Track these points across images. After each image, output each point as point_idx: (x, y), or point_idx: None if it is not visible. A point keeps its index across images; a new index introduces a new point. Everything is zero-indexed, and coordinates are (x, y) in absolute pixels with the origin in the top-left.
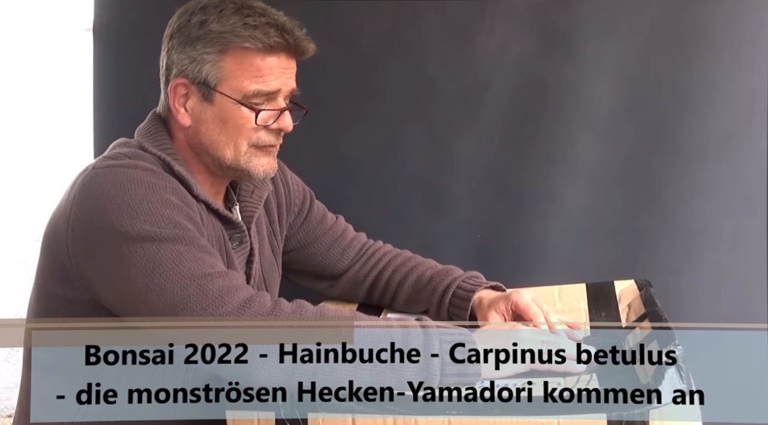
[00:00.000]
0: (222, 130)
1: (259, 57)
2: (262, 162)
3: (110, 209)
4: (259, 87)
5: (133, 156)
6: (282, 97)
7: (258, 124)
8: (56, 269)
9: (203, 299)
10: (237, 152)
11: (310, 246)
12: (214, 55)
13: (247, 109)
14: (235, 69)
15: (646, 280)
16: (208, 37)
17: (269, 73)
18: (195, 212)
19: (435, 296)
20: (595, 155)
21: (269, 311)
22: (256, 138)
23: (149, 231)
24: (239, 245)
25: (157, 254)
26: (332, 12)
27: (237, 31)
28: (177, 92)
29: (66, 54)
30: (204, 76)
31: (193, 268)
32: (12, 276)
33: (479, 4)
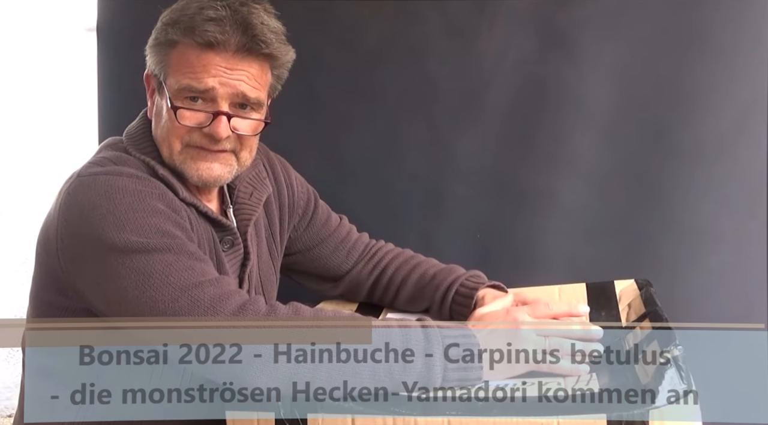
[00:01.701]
0: (158, 125)
1: (195, 53)
2: (197, 166)
3: (96, 219)
4: (190, 82)
5: (117, 161)
6: (223, 100)
7: (180, 123)
8: (49, 277)
9: (196, 309)
10: (171, 151)
11: (315, 248)
12: (164, 48)
13: (170, 105)
14: (176, 63)
15: (647, 280)
16: (162, 29)
17: (203, 70)
18: (183, 217)
19: (438, 293)
20: (595, 155)
21: (264, 315)
22: (189, 138)
23: (137, 242)
24: (230, 248)
25: (146, 265)
26: (332, 12)
27: (183, 23)
28: (149, 84)
29: (66, 54)
30: (154, 69)
31: (184, 278)
32: (12, 276)
33: (479, 5)
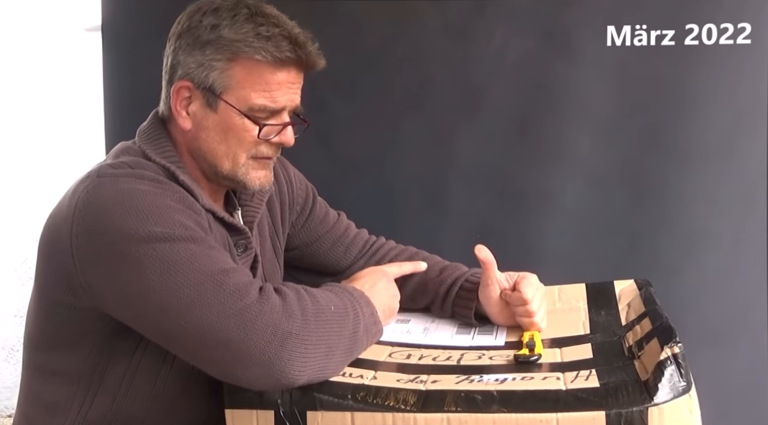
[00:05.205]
0: (222, 139)
1: (269, 70)
2: (259, 175)
3: (118, 214)
4: (266, 103)
5: (136, 166)
6: (286, 112)
7: (260, 137)
8: (58, 275)
9: (221, 293)
10: (235, 164)
11: (313, 244)
12: (222, 63)
13: (250, 121)
14: (243, 79)
15: (646, 280)
16: (218, 43)
17: (278, 88)
18: (203, 218)
19: (442, 288)
20: (595, 154)
21: (280, 307)
22: (256, 151)
23: (161, 232)
24: (244, 252)
25: (171, 253)
26: (333, 12)
27: (249, 41)
28: (180, 95)
29: (66, 54)
30: (210, 83)
31: (208, 264)
32: (12, 276)
33: (479, 4)
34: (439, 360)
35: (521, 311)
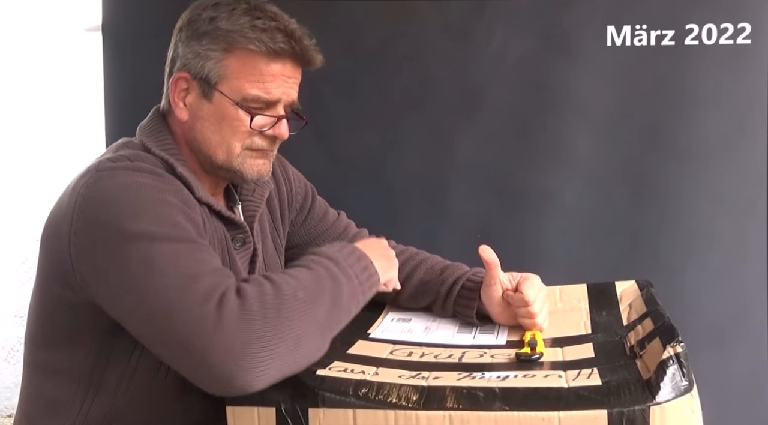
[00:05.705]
0: (216, 129)
1: (263, 61)
2: (256, 163)
3: (114, 210)
4: (259, 93)
5: (135, 159)
6: (281, 106)
7: (253, 128)
8: (57, 271)
9: (187, 300)
10: (229, 154)
11: (313, 243)
12: (218, 53)
13: (243, 111)
14: (237, 70)
15: (647, 280)
16: (214, 33)
17: (272, 80)
18: (197, 213)
19: (444, 287)
20: (595, 154)
21: (238, 312)
22: (250, 142)
23: (148, 231)
24: (242, 246)
25: (153, 253)
26: (333, 12)
27: (244, 32)
28: (178, 86)
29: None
30: (206, 73)
31: (187, 267)
32: (12, 276)
33: (479, 5)
34: (440, 357)
35: (523, 312)
